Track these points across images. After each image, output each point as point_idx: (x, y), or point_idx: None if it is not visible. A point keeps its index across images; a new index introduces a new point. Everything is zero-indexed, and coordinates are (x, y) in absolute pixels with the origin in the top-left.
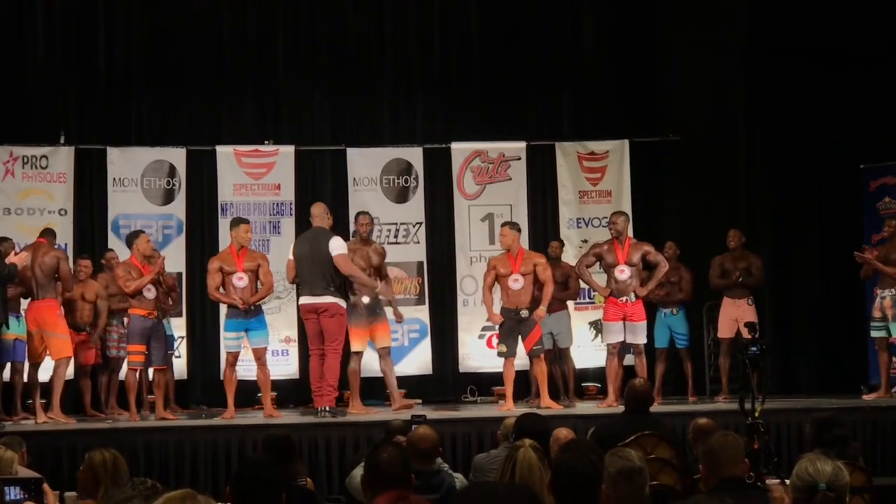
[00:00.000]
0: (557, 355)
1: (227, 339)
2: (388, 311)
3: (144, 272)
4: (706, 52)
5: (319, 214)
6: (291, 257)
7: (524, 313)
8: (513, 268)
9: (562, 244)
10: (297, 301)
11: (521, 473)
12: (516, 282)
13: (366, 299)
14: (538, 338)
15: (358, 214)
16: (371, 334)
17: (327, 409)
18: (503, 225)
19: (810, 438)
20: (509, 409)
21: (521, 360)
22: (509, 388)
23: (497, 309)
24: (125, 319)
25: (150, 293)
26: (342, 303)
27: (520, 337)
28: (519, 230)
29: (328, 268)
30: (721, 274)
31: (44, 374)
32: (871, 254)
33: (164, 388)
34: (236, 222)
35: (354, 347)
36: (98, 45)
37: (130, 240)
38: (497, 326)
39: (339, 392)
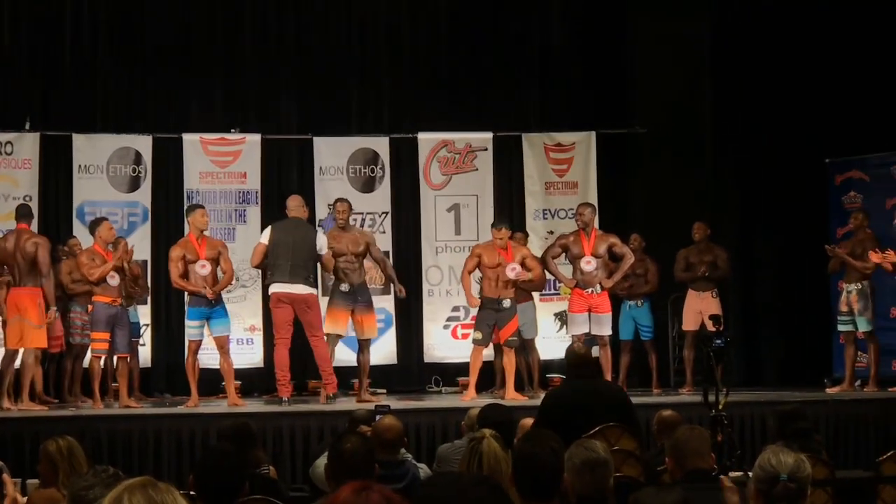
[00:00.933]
0: (522, 346)
1: (190, 328)
2: (376, 299)
3: (108, 259)
4: (673, 44)
5: (297, 206)
6: (265, 242)
7: (506, 303)
8: (496, 259)
9: (525, 235)
10: (269, 289)
11: (489, 465)
12: (513, 270)
13: (345, 286)
14: (514, 329)
15: (336, 201)
16: (358, 323)
17: (333, 396)
18: (501, 225)
19: (774, 431)
20: (472, 397)
21: (486, 350)
22: (474, 377)
23: (463, 299)
24: (89, 307)
25: (114, 280)
26: (315, 292)
27: (497, 326)
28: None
29: (310, 259)
30: (686, 267)
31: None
32: (840, 249)
33: (128, 376)
34: (192, 208)
35: (330, 330)
36: (65, 30)
37: (93, 227)
38: (475, 310)
39: (303, 381)
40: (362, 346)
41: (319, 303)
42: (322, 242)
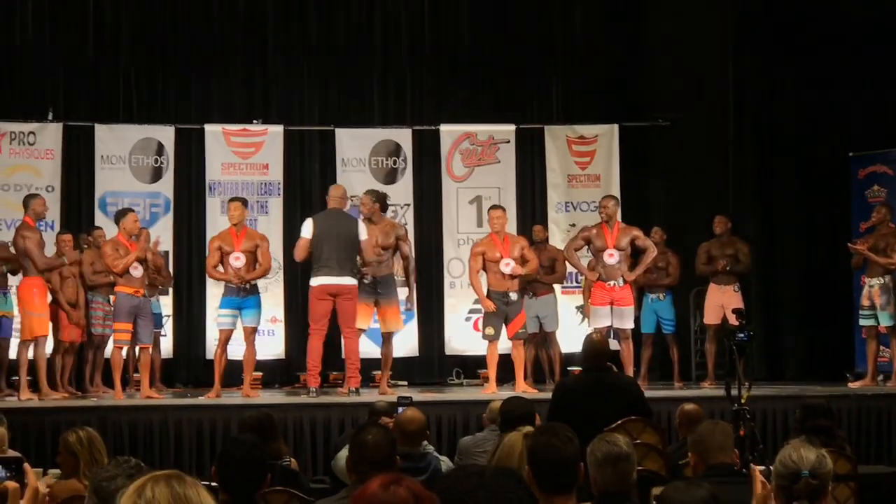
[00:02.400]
0: (544, 339)
1: (221, 317)
2: (402, 291)
3: (131, 250)
4: (696, 38)
5: (339, 196)
6: (307, 236)
7: (513, 296)
8: (503, 252)
9: (545, 228)
10: (312, 281)
11: (500, 455)
12: (507, 265)
13: (367, 279)
14: (522, 323)
15: (362, 194)
16: (382, 316)
17: (354, 389)
18: (496, 208)
19: (797, 424)
20: (492, 391)
21: (505, 343)
22: (492, 371)
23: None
24: (111, 297)
25: (137, 271)
26: (356, 284)
27: (505, 320)
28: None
29: (353, 250)
30: (707, 260)
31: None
32: (862, 245)
33: (150, 367)
34: (232, 201)
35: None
36: (88, 22)
37: (118, 217)
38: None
39: (325, 372)
40: (385, 338)
41: (357, 296)
42: (362, 229)
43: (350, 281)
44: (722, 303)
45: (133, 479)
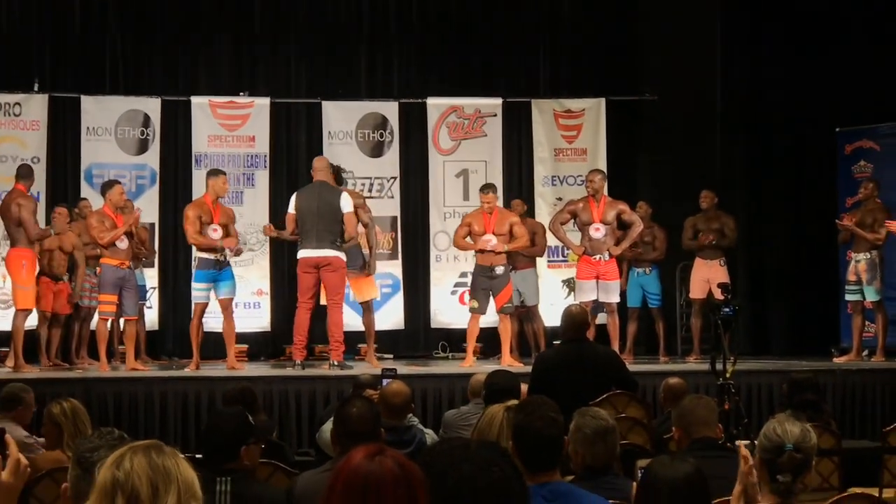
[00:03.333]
0: (527, 313)
1: (197, 290)
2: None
3: (117, 222)
4: (684, 12)
5: (323, 168)
6: (292, 210)
7: (499, 270)
8: (486, 227)
9: (524, 202)
10: (298, 254)
11: (481, 427)
12: (488, 242)
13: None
14: (509, 296)
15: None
16: (354, 287)
17: (336, 363)
18: (487, 191)
19: (784, 398)
20: (469, 364)
21: (492, 317)
22: (471, 344)
23: (471, 265)
24: (97, 269)
25: (123, 243)
26: (343, 256)
27: (491, 294)
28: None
29: (336, 222)
30: (693, 235)
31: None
32: (849, 220)
33: (136, 339)
34: (215, 173)
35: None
36: None
37: (104, 189)
38: (470, 281)
39: (310, 345)
40: (365, 308)
41: (345, 268)
42: (345, 202)
43: (330, 252)
44: (708, 277)
45: (116, 450)
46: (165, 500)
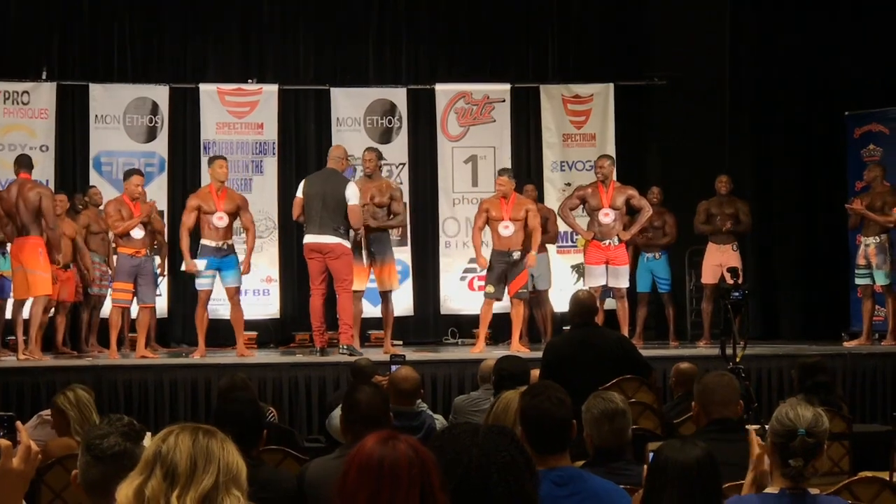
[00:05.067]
0: (537, 298)
1: (200, 278)
2: (394, 251)
3: (134, 211)
4: None
5: (338, 157)
6: (299, 195)
7: (516, 255)
8: (503, 213)
9: (535, 187)
10: (303, 239)
11: (497, 412)
12: (507, 228)
13: (359, 236)
14: (525, 282)
15: (364, 151)
16: (377, 275)
17: (345, 347)
18: (503, 174)
19: (797, 383)
20: (479, 350)
21: (505, 302)
22: (483, 329)
23: (488, 251)
24: (114, 258)
25: (139, 233)
26: (346, 243)
27: (507, 279)
28: (513, 177)
29: (340, 211)
30: (706, 219)
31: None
32: (859, 204)
33: (147, 327)
34: (212, 159)
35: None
36: None
37: (126, 176)
38: (483, 269)
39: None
40: (384, 297)
41: (350, 253)
42: (351, 193)
43: (331, 239)
44: (720, 262)
45: (126, 437)
46: (202, 478)
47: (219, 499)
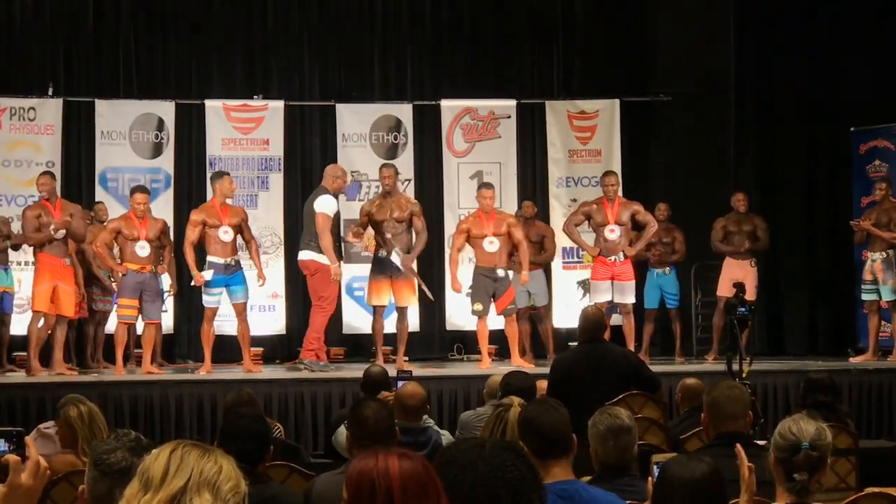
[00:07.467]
0: (538, 314)
1: (208, 294)
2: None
3: (142, 227)
4: (697, 11)
5: (331, 175)
6: None
7: (500, 272)
8: (486, 230)
9: (534, 204)
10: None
11: (513, 433)
12: (492, 244)
13: (382, 253)
14: (511, 298)
15: (381, 167)
16: (395, 290)
17: (304, 361)
18: (487, 187)
19: (800, 399)
20: (486, 367)
21: (499, 319)
22: (484, 347)
23: (471, 268)
24: (120, 273)
25: (144, 249)
26: (320, 258)
27: (493, 297)
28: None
29: (310, 224)
30: (723, 236)
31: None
32: (866, 221)
33: (153, 343)
34: (219, 175)
35: (372, 301)
36: None
37: (131, 193)
38: (459, 293)
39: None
40: (400, 313)
41: (324, 269)
42: (320, 202)
43: (305, 255)
44: (739, 277)
45: (134, 452)
46: (172, 482)
47: (185, 500)
